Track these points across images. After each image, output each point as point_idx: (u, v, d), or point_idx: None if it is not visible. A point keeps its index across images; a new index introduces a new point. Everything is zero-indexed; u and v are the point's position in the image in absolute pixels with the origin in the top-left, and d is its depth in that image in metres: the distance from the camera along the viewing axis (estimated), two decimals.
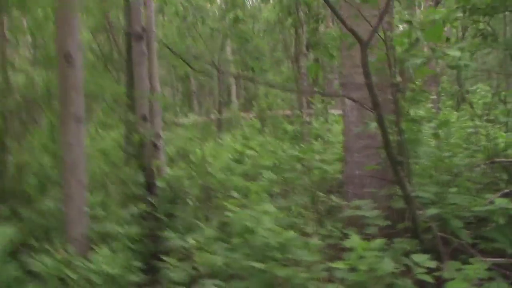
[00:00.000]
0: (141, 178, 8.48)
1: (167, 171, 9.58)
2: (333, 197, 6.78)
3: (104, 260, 5.13)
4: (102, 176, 10.14)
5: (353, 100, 5.60)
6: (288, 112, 20.85)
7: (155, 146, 9.69)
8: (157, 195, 8.47)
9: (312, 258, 3.66)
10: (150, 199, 8.12)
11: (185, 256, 5.91)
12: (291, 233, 3.47)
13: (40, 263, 4.31)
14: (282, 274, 3.33)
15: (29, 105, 7.45)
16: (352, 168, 6.52)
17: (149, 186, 8.53)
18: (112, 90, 6.90)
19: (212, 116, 20.06)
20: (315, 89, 16.22)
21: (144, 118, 8.56)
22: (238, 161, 10.80)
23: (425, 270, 3.40)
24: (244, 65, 26.84)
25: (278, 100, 21.11)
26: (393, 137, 4.80)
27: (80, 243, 5.61)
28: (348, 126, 6.61)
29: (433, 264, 3.33)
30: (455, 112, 11.45)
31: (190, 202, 8.48)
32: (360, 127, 6.18)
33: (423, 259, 3.33)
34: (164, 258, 5.70)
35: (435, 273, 3.43)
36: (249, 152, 11.11)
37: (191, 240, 5.54)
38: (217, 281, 4.19)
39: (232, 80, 26.26)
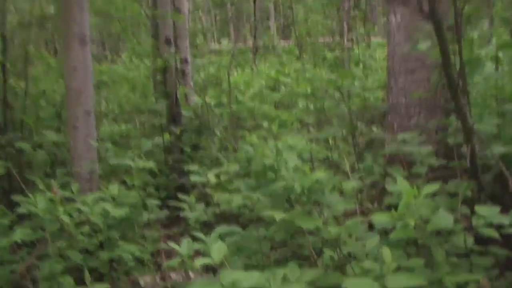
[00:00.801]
0: (164, 106, 7.83)
1: (195, 99, 8.90)
2: (374, 128, 6.04)
3: (112, 198, 4.53)
4: (127, 106, 9.56)
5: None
6: (328, 39, 19.87)
7: (182, 72, 8.99)
8: (182, 125, 7.82)
9: (347, 205, 2.96)
10: (174, 129, 7.46)
11: (205, 194, 5.29)
12: (321, 174, 2.75)
13: (31, 203, 3.68)
14: (308, 226, 2.64)
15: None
16: (397, 95, 5.71)
17: (174, 116, 7.87)
18: (129, 9, 6.14)
19: (248, 43, 19.22)
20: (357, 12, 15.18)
21: (167, 41, 7.81)
22: (272, 89, 10.05)
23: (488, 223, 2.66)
24: None
25: (318, 26, 20.10)
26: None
27: (87, 180, 5.02)
28: (393, 48, 5.77)
29: (505, 219, 2.58)
30: None
31: (218, 133, 7.81)
32: (406, 47, 5.39)
33: (491, 213, 2.59)
34: (182, 196, 5.07)
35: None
36: (284, 79, 10.33)
37: (211, 177, 4.87)
38: (234, 226, 3.51)
39: (270, 6, 25.17)
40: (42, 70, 8.04)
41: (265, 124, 7.12)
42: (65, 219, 3.68)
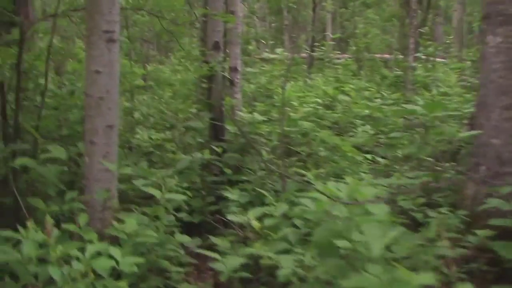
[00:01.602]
0: (207, 119, 6.92)
1: (242, 113, 7.95)
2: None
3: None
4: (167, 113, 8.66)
5: None
6: (387, 55, 18.75)
7: (230, 82, 8.06)
8: (225, 142, 6.88)
9: None
10: (214, 146, 6.52)
11: (243, 238, 4.31)
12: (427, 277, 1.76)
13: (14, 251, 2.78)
14: None
15: None
16: (488, 134, 4.67)
17: (217, 130, 6.94)
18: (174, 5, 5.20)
19: (303, 54, 18.26)
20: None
21: (215, 47, 6.88)
22: (328, 107, 9.03)
23: None
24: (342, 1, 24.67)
25: (376, 41, 19.01)
26: None
27: (100, 209, 4.10)
28: (488, 75, 4.73)
29: None
30: None
31: (264, 154, 6.83)
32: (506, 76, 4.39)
33: None
34: (214, 238, 4.11)
35: None
36: (342, 97, 9.31)
37: (253, 219, 3.90)
38: None
39: (328, 16, 24.10)
40: (72, 69, 7.20)
41: (322, 152, 6.12)
42: (55, 273, 2.75)
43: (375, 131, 8.38)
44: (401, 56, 14.89)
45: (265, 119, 7.62)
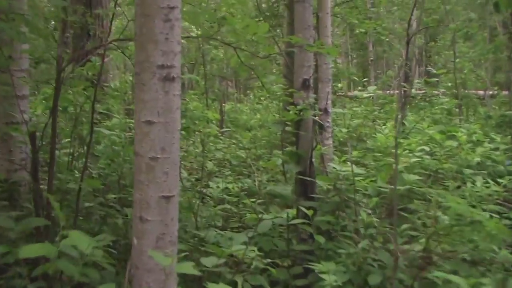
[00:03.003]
0: (293, 173, 5.70)
1: (334, 163, 6.70)
2: None
3: None
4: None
5: None
6: (481, 91, 17.11)
7: (320, 126, 6.83)
8: (315, 200, 5.63)
9: None
10: (302, 206, 5.29)
11: None
12: None
13: None
14: None
15: None
16: None
17: (305, 186, 5.70)
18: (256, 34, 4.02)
19: (392, 91, 16.89)
20: None
21: (305, 85, 5.69)
22: (434, 155, 7.63)
23: None
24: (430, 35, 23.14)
25: (472, 76, 17.39)
26: None
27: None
28: None
29: None
30: None
31: (365, 218, 5.52)
32: None
33: None
34: None
35: None
36: (449, 142, 7.89)
37: None
38: None
39: (415, 50, 22.55)
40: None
41: (445, 219, 4.74)
42: None
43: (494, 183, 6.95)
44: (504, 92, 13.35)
45: (364, 171, 6.34)
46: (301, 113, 5.58)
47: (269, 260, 4.44)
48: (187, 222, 5.43)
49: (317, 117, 5.85)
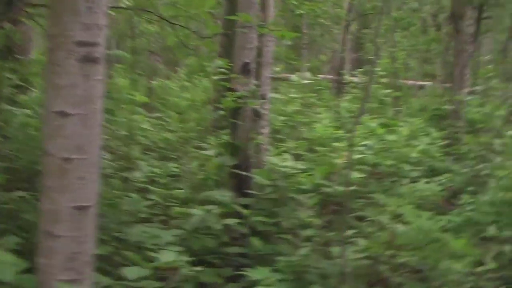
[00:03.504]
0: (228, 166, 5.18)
1: (269, 156, 6.19)
2: None
3: None
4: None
5: None
6: (410, 82, 16.97)
7: (257, 114, 6.30)
8: (251, 197, 5.12)
9: None
10: (236, 205, 4.78)
11: None
12: None
13: None
14: None
15: None
16: None
17: (240, 181, 5.19)
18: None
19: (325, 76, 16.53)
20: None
21: (245, 69, 5.15)
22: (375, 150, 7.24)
23: None
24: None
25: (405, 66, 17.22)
26: None
27: None
28: None
29: None
30: None
31: (305, 218, 5.06)
32: None
33: None
34: None
35: None
36: (390, 136, 7.54)
37: None
38: None
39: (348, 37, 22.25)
40: None
41: (384, 218, 4.32)
42: None
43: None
44: (440, 85, 13.22)
45: (302, 165, 5.87)
46: (240, 100, 5.04)
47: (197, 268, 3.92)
48: (107, 217, 4.80)
49: (256, 105, 5.34)
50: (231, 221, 4.72)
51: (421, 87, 18.63)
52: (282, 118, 8.25)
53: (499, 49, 16.03)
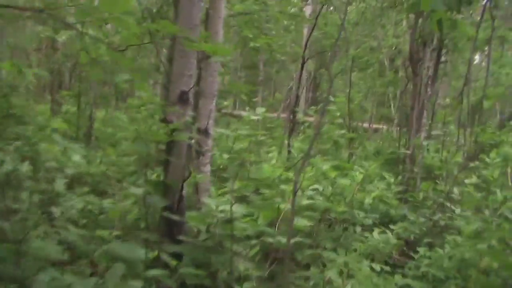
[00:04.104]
0: (158, 208, 4.51)
1: (209, 196, 5.56)
2: None
3: None
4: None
5: None
6: (365, 124, 16.65)
7: (197, 151, 5.68)
8: (184, 245, 4.46)
9: None
10: (165, 255, 4.13)
11: None
12: None
13: None
14: None
15: None
16: None
17: (172, 225, 4.53)
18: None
19: (279, 115, 16.11)
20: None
21: (182, 99, 4.53)
22: (326, 195, 6.66)
23: None
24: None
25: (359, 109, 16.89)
26: None
27: None
28: None
29: None
30: None
31: (243, 268, 4.42)
32: None
33: None
34: None
35: None
36: (342, 180, 6.97)
37: None
38: None
39: (304, 75, 21.99)
40: None
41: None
42: None
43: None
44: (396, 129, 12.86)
45: (245, 208, 5.24)
46: (174, 133, 4.42)
47: None
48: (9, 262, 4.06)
49: (193, 140, 4.71)
50: (156, 272, 4.06)
51: (377, 130, 18.35)
52: (227, 156, 7.64)
53: (455, 95, 15.83)
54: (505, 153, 9.07)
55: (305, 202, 5.62)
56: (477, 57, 17.57)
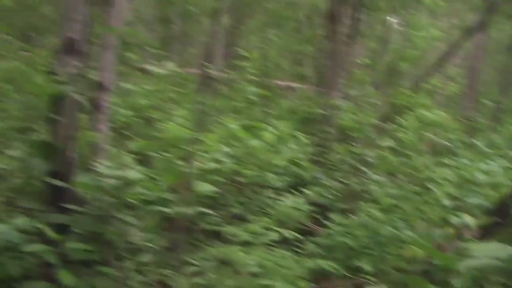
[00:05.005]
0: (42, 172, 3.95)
1: (105, 161, 4.99)
2: None
3: None
4: None
5: None
6: (281, 82, 16.26)
7: (95, 106, 5.09)
8: (72, 216, 3.92)
9: None
10: (46, 227, 3.58)
11: None
12: None
13: None
14: None
15: None
16: None
17: (56, 193, 3.97)
18: None
19: (193, 70, 15.42)
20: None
21: (70, 48, 3.93)
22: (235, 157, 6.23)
23: None
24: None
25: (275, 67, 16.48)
26: None
27: None
28: None
29: None
30: None
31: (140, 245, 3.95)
32: None
33: None
34: None
35: None
36: (254, 141, 6.55)
37: None
38: None
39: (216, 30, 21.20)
40: None
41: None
42: None
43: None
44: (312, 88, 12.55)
45: (144, 172, 4.74)
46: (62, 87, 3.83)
47: None
48: None
49: (85, 95, 4.13)
50: (36, 247, 3.53)
51: (292, 88, 18.02)
52: (129, 112, 7.04)
53: (371, 55, 15.68)
54: (421, 115, 8.92)
55: (211, 165, 5.15)
56: (394, 20, 17.44)
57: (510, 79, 16.44)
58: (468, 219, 4.27)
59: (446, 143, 8.58)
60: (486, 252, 2.11)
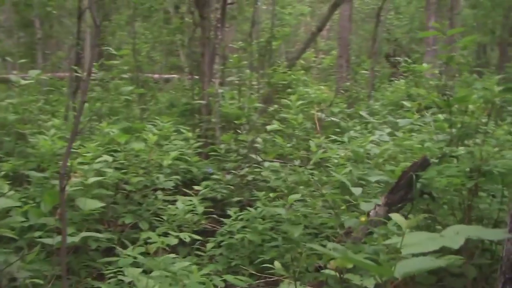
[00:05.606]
0: None
1: None
2: None
3: None
4: None
5: None
6: (155, 75, 15.85)
7: None
8: None
9: None
10: None
11: None
12: None
13: None
14: None
15: None
16: None
17: None
18: None
19: (62, 74, 14.74)
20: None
21: None
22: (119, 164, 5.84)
23: None
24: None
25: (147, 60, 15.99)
26: None
27: None
28: None
29: None
30: None
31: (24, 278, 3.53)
32: None
33: None
34: None
35: None
36: (136, 144, 6.17)
37: None
38: None
39: (87, 30, 20.46)
40: None
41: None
42: None
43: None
44: (188, 78, 12.25)
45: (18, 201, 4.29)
46: None
47: None
48: None
49: None
50: None
51: (168, 80, 17.68)
52: None
53: (245, 38, 15.57)
54: (302, 92, 8.85)
55: (92, 179, 4.74)
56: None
57: (379, 46, 16.87)
58: (376, 200, 4.18)
59: (332, 118, 8.55)
60: (417, 248, 1.93)
